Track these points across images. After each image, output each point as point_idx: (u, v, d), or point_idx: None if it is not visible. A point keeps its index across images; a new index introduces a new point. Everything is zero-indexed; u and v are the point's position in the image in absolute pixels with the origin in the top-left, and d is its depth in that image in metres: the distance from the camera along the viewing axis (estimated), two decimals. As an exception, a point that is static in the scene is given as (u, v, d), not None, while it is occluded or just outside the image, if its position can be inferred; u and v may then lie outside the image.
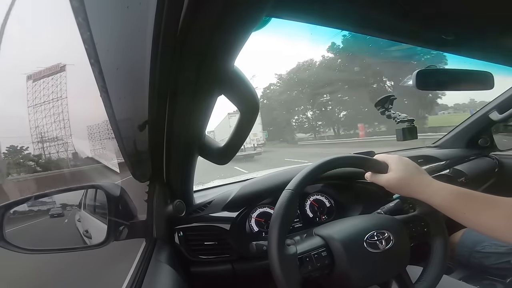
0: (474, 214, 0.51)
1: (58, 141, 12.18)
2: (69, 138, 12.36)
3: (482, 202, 0.51)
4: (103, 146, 9.19)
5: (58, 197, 0.65)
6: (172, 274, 0.59)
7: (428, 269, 0.59)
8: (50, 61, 22.10)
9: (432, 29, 0.52)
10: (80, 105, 20.52)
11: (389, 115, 0.93)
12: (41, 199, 0.63)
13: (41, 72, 12.85)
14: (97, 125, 10.06)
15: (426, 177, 0.57)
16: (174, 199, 0.69)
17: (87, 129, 11.54)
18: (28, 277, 2.23)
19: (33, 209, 0.62)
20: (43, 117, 12.91)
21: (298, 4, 0.42)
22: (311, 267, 0.52)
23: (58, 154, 12.20)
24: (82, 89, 18.97)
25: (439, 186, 0.54)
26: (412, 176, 0.56)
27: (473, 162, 1.27)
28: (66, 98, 13.19)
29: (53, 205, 0.65)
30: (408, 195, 0.57)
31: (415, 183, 0.56)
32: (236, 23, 0.35)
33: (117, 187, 0.62)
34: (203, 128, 0.58)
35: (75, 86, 15.39)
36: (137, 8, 0.32)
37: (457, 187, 0.53)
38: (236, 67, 0.46)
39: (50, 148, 12.28)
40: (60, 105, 13.05)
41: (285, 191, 0.55)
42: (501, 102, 1.18)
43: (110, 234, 0.59)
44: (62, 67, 13.03)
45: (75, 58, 12.76)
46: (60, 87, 13.36)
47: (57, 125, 12.52)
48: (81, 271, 2.02)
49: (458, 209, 0.51)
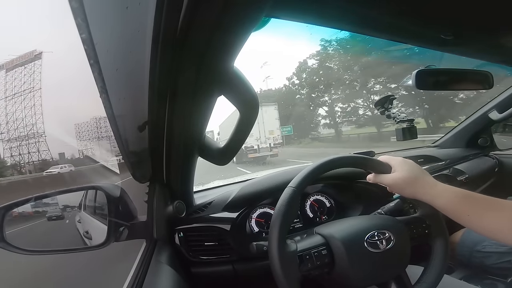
0: (478, 216, 0.51)
1: (30, 139, 11.47)
2: (41, 136, 11.57)
3: (486, 204, 0.51)
4: (91, 147, 8.92)
5: (58, 198, 0.65)
6: (172, 275, 0.59)
7: (428, 271, 0.59)
8: (25, 48, 21.13)
9: (432, 29, 0.52)
10: (60, 99, 20.00)
11: (389, 115, 0.93)
12: (41, 200, 0.62)
13: (13, 61, 12.01)
14: (85, 124, 9.67)
15: (430, 179, 0.57)
16: (174, 199, 0.69)
17: (76, 127, 11.11)
18: (28, 277, 2.22)
19: (33, 210, 0.62)
20: (13, 112, 12.05)
21: (297, 4, 0.42)
22: (311, 265, 0.52)
23: (30, 155, 11.55)
24: (63, 81, 18.21)
25: (443, 188, 0.55)
26: (416, 177, 0.56)
27: (473, 161, 1.27)
28: (40, 89, 12.41)
29: (53, 206, 0.65)
30: (412, 196, 0.57)
31: (420, 184, 0.56)
32: (236, 23, 0.35)
33: (117, 188, 0.62)
34: (203, 129, 0.58)
35: (54, 77, 14.58)
36: (137, 8, 0.32)
37: (461, 190, 0.54)
38: (236, 67, 0.46)
39: (20, 148, 11.51)
40: (32, 98, 12.22)
41: (287, 189, 0.55)
42: (501, 101, 1.18)
43: (110, 235, 0.59)
44: (37, 55, 12.28)
45: (55, 45, 11.86)
46: (33, 76, 12.53)
47: (28, 121, 11.72)
48: (81, 272, 2.02)
49: (462, 211, 0.52)
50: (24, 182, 9.09)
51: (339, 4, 0.42)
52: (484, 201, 0.52)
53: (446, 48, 0.62)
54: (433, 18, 0.48)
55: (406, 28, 0.52)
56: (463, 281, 0.77)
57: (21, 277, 2.21)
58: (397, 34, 0.55)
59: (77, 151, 15.02)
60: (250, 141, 10.57)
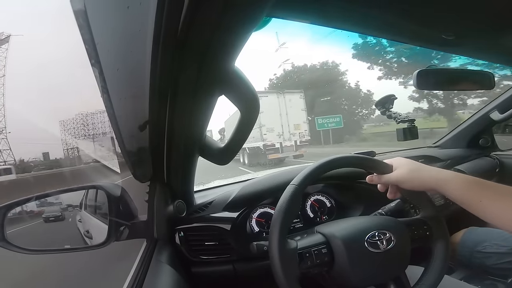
0: (490, 202, 0.48)
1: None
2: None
3: (498, 191, 0.49)
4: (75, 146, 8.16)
5: (59, 197, 0.65)
6: (173, 275, 0.59)
7: (428, 272, 0.59)
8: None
9: (432, 29, 0.52)
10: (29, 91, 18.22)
11: (390, 115, 0.93)
12: (42, 199, 0.63)
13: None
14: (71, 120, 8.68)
15: (434, 168, 0.56)
16: (175, 199, 0.70)
17: (61, 124, 10.30)
18: (28, 277, 2.23)
19: (33, 210, 0.62)
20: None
21: (298, 4, 0.42)
22: (310, 263, 0.52)
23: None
24: (34, 68, 16.55)
25: (452, 173, 0.53)
26: (419, 168, 0.56)
27: (474, 162, 1.26)
28: (3, 76, 10.92)
29: (53, 206, 0.65)
30: (421, 186, 0.55)
31: (426, 173, 0.55)
32: (236, 23, 0.35)
33: (118, 187, 0.62)
34: (204, 128, 0.58)
35: (21, 64, 13.06)
36: (138, 8, 0.32)
37: (470, 176, 0.52)
38: (237, 67, 0.46)
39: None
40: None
41: (289, 186, 0.55)
42: (502, 101, 1.18)
43: (111, 234, 0.59)
44: (4, 39, 10.90)
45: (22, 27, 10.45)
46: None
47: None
48: (82, 272, 2.02)
49: (474, 197, 0.49)
50: None
51: (340, 4, 0.42)
52: (495, 187, 0.50)
53: (447, 48, 0.62)
54: (435, 18, 0.48)
55: (408, 28, 0.52)
56: (463, 281, 0.77)
57: (21, 277, 2.21)
58: (398, 34, 0.55)
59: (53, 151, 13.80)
60: (271, 138, 8.40)
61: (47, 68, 19.30)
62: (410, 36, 0.57)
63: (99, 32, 0.31)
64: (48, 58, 26.49)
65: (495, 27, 0.53)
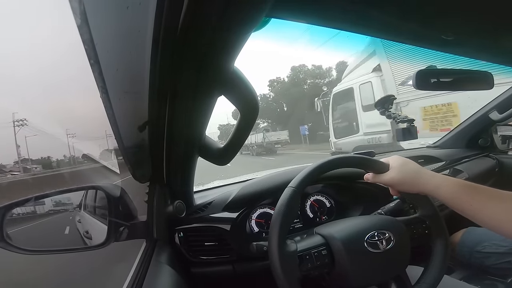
0: (481, 206, 0.49)
1: None
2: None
3: (489, 194, 0.50)
4: None
5: (58, 198, 0.65)
6: (172, 275, 0.59)
7: (428, 271, 0.59)
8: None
9: (432, 29, 0.52)
10: None
11: (389, 115, 0.93)
12: (41, 199, 0.62)
13: None
14: None
15: (428, 171, 0.56)
16: (174, 199, 0.69)
17: None
18: (28, 277, 2.22)
19: (33, 210, 0.62)
20: None
21: (298, 4, 0.42)
22: (311, 265, 0.52)
23: None
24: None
25: (444, 178, 0.54)
26: (414, 170, 0.56)
27: (473, 162, 1.27)
28: None
29: (53, 206, 0.65)
30: (413, 190, 0.56)
31: (419, 176, 0.55)
32: (236, 23, 0.35)
33: (117, 188, 0.62)
34: (203, 129, 0.58)
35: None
36: (137, 8, 0.32)
37: (462, 180, 0.53)
38: (236, 68, 0.46)
39: None
40: None
41: (287, 189, 0.55)
42: (501, 102, 1.18)
43: (110, 235, 0.59)
44: None
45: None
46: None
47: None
48: (81, 272, 2.02)
49: (465, 200, 0.50)
50: None
51: (340, 4, 0.42)
52: (487, 191, 0.51)
53: (447, 49, 0.62)
54: (434, 18, 0.48)
55: (407, 28, 0.52)
56: (463, 281, 0.77)
57: (21, 277, 2.21)
58: (397, 34, 0.55)
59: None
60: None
61: (47, 68, 19.40)
62: (409, 37, 0.57)
63: (98, 32, 0.31)
64: (48, 58, 26.63)
65: (495, 27, 0.53)
